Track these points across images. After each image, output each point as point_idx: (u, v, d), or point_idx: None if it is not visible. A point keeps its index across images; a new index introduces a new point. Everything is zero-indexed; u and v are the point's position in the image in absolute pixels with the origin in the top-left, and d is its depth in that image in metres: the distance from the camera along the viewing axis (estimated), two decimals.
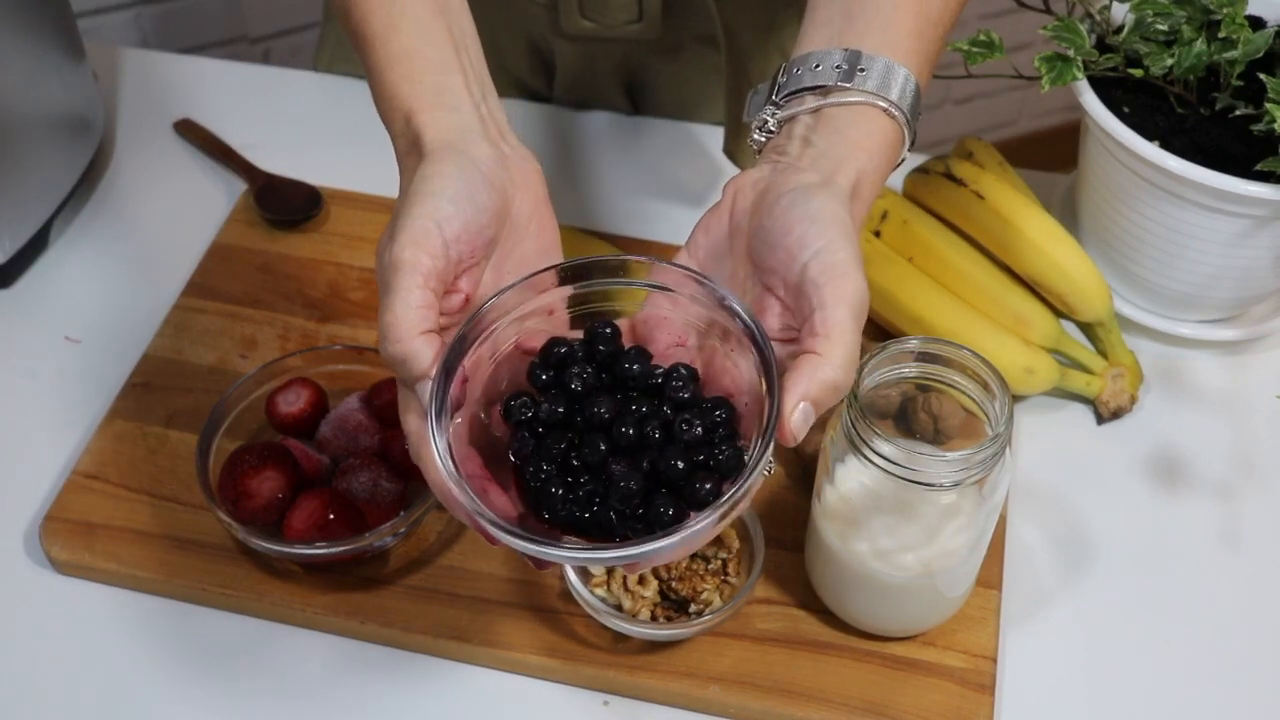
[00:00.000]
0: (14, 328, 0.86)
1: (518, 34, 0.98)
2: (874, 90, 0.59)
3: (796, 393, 0.52)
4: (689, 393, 0.55)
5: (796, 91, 0.61)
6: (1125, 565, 0.76)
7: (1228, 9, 0.75)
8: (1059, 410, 0.83)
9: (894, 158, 0.61)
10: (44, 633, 0.72)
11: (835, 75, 0.59)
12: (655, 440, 0.53)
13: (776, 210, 0.56)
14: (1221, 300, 0.84)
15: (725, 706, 0.68)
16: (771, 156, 0.60)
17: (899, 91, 0.60)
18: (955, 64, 0.79)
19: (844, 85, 0.59)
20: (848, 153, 0.58)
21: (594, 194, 0.95)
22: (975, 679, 0.69)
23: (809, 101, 0.60)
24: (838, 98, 0.59)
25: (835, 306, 0.53)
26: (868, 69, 0.59)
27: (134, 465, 0.77)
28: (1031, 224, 0.82)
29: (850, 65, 0.59)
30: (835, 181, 0.57)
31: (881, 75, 0.59)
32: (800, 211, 0.55)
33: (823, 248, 0.54)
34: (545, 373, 0.56)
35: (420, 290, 0.54)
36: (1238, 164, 0.76)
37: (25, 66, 0.86)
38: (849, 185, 0.57)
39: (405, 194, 0.56)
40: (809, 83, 0.60)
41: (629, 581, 0.70)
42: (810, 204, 0.55)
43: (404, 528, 0.71)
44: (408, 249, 0.54)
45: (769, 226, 0.56)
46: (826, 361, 0.52)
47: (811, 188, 0.56)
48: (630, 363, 0.56)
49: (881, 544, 0.66)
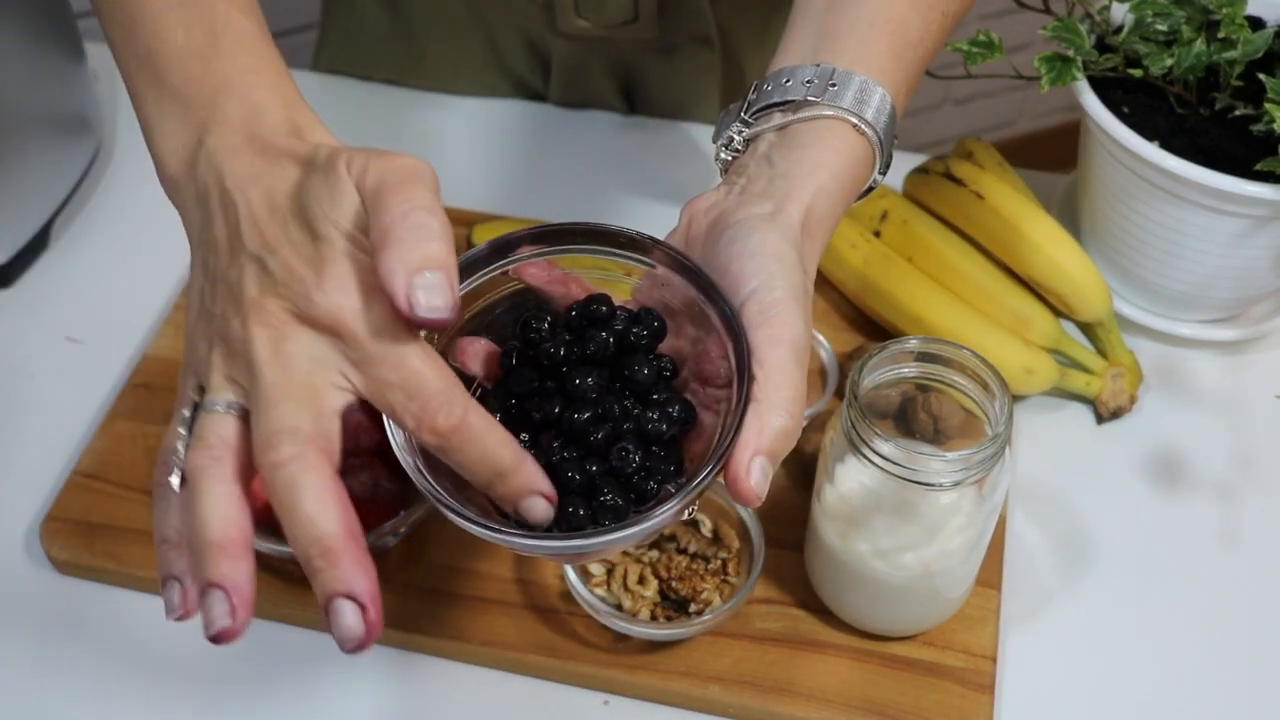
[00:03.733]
0: (14, 328, 0.86)
1: (515, 33, 0.98)
2: (846, 106, 0.57)
3: (749, 449, 0.49)
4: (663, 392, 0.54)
5: (766, 108, 0.59)
6: (1125, 565, 0.76)
7: (1227, 9, 0.75)
8: (1059, 410, 0.83)
9: (860, 179, 0.59)
10: (44, 633, 0.72)
11: (805, 90, 0.58)
12: (608, 439, 0.53)
13: (720, 244, 0.54)
14: (1221, 300, 0.84)
15: (725, 706, 0.68)
16: (731, 178, 0.59)
17: (874, 110, 0.58)
18: (955, 64, 0.79)
19: (813, 100, 0.57)
20: (806, 173, 0.56)
21: (589, 193, 0.95)
22: (975, 679, 0.69)
23: (776, 118, 0.58)
24: (806, 113, 0.58)
25: (772, 347, 0.51)
26: (840, 84, 0.58)
27: (134, 465, 0.77)
28: (1031, 224, 0.82)
29: (821, 80, 0.58)
30: (785, 211, 0.55)
31: (856, 92, 0.58)
32: (740, 247, 0.54)
33: (760, 285, 0.52)
34: (511, 359, 0.55)
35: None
36: (1237, 164, 0.76)
37: (25, 66, 0.86)
38: (800, 215, 0.55)
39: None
40: (778, 98, 0.58)
41: (629, 581, 0.70)
42: (751, 239, 0.54)
43: (404, 528, 0.71)
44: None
45: (711, 262, 0.54)
46: (771, 408, 0.50)
47: (757, 220, 0.54)
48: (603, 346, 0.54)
49: (881, 544, 0.66)
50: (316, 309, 0.48)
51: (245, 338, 0.49)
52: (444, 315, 0.47)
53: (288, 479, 0.47)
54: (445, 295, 0.46)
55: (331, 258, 0.48)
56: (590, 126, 1.00)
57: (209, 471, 0.48)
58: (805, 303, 0.53)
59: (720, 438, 0.51)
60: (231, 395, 0.50)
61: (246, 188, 0.51)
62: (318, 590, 0.47)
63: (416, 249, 0.46)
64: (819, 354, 0.82)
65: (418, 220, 0.47)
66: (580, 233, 0.55)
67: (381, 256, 0.46)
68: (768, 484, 0.50)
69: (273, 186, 0.50)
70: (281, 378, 0.48)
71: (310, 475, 0.47)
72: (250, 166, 0.51)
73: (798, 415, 0.51)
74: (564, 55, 0.98)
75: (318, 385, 0.48)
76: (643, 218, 0.94)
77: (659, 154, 0.98)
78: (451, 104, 1.01)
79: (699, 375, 0.55)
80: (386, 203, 0.47)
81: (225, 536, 0.47)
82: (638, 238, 0.55)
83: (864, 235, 0.85)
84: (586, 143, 0.99)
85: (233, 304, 0.49)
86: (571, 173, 0.96)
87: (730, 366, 0.52)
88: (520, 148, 0.99)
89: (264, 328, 0.48)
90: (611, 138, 0.99)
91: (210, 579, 0.47)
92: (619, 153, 0.98)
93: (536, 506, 0.50)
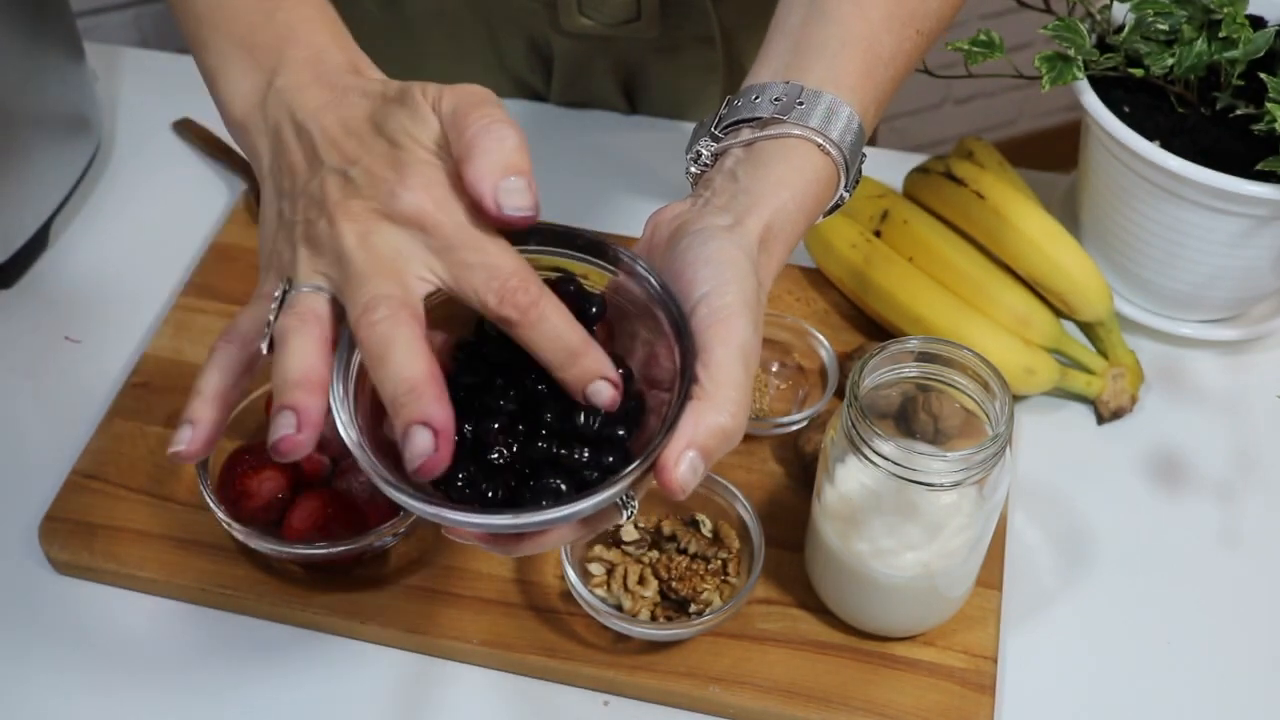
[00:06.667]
0: (14, 328, 0.86)
1: (517, 32, 0.98)
2: (813, 126, 0.58)
3: (682, 440, 0.50)
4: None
5: (735, 123, 0.60)
6: (1125, 565, 0.76)
7: (1228, 8, 0.75)
8: (1059, 410, 0.83)
9: (823, 198, 0.59)
10: (44, 633, 0.72)
11: (773, 108, 0.58)
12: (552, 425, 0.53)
13: (677, 251, 0.55)
14: (1222, 300, 0.84)
15: (725, 706, 0.68)
16: (699, 191, 0.59)
17: (840, 130, 0.58)
18: (956, 63, 0.79)
19: (779, 118, 0.58)
20: (768, 190, 0.57)
21: (590, 193, 0.95)
22: (975, 679, 0.69)
23: (744, 134, 0.59)
24: (772, 130, 0.58)
25: (718, 348, 0.51)
26: (808, 103, 0.58)
27: (134, 465, 0.77)
28: (1032, 224, 0.82)
29: (789, 98, 0.58)
30: (744, 224, 0.56)
31: (823, 111, 0.58)
32: (695, 254, 0.54)
33: (711, 290, 0.53)
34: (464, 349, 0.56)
35: None
36: (1238, 164, 0.76)
37: (25, 66, 0.86)
38: (759, 229, 0.56)
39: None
40: (746, 114, 0.59)
41: (629, 582, 0.70)
42: (707, 246, 0.54)
43: (404, 528, 0.71)
44: None
45: (668, 268, 0.55)
46: (712, 405, 0.50)
47: (715, 230, 0.55)
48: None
49: (881, 544, 0.66)
50: (401, 203, 0.51)
51: (333, 234, 0.52)
52: (528, 214, 0.51)
53: (383, 334, 0.49)
54: (528, 197, 0.51)
55: (412, 162, 0.52)
56: (592, 126, 1.00)
57: (299, 331, 0.51)
58: (757, 311, 0.54)
59: (660, 431, 0.51)
60: (321, 281, 0.52)
61: (320, 116, 0.54)
62: (399, 423, 0.49)
63: (500, 156, 0.51)
64: (819, 354, 0.81)
65: (500, 133, 0.51)
66: (537, 232, 0.55)
67: (469, 165, 0.51)
68: (696, 479, 0.50)
69: (346, 114, 0.54)
70: (371, 260, 0.51)
71: (403, 330, 0.50)
72: (320, 98, 0.55)
73: (739, 417, 0.51)
74: (566, 54, 0.98)
75: (403, 271, 0.51)
76: (643, 218, 0.93)
77: (660, 154, 0.98)
78: None
79: (648, 379, 0.56)
80: (467, 119, 0.51)
81: (305, 376, 0.51)
82: (595, 240, 0.56)
83: (864, 235, 0.85)
84: (588, 142, 0.99)
85: (316, 208, 0.52)
86: (572, 172, 0.96)
87: (675, 368, 0.53)
88: None
89: (351, 222, 0.51)
90: (613, 137, 0.99)
91: (283, 403, 0.50)
92: (620, 152, 0.98)
93: (603, 391, 0.51)
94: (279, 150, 0.55)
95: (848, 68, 0.60)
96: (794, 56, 0.61)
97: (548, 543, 0.53)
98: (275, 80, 0.56)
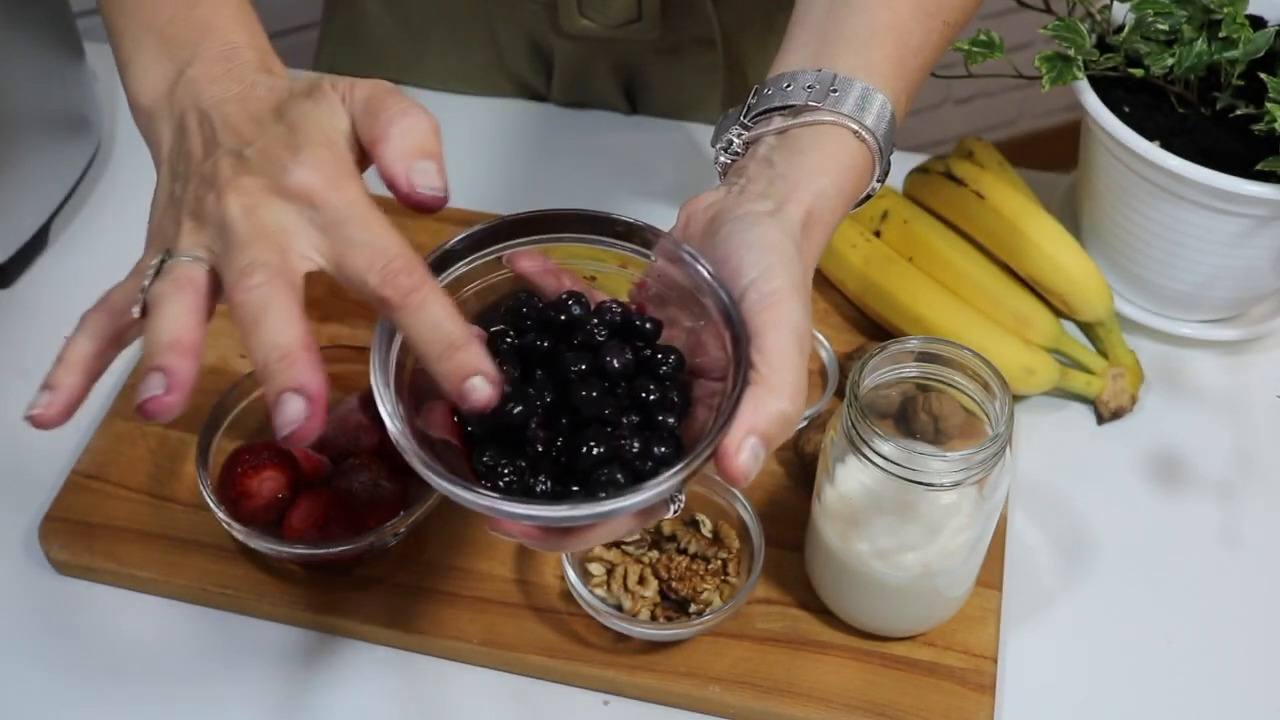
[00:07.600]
0: (14, 328, 0.86)
1: (517, 32, 0.98)
2: (847, 112, 0.57)
3: (743, 426, 0.49)
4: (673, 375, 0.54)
5: (765, 112, 0.59)
6: (1125, 565, 0.76)
7: (1228, 8, 0.75)
8: (1059, 410, 0.83)
9: (859, 185, 0.59)
10: (44, 633, 0.72)
11: (805, 95, 0.58)
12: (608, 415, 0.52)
13: (718, 238, 0.55)
14: (1222, 300, 0.84)
15: (725, 706, 0.68)
16: (730, 179, 0.59)
17: (874, 117, 0.58)
18: (956, 63, 0.79)
19: (814, 105, 0.58)
20: (806, 176, 0.56)
21: (591, 193, 0.95)
22: (975, 679, 0.69)
23: (776, 122, 0.58)
24: (806, 117, 0.58)
25: (772, 333, 0.51)
26: (841, 90, 0.58)
27: (134, 465, 0.77)
28: (1032, 224, 0.82)
29: (822, 85, 0.58)
30: (785, 210, 0.55)
31: (857, 98, 0.58)
32: (740, 239, 0.54)
33: (759, 275, 0.52)
34: (506, 339, 0.55)
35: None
36: (1238, 164, 0.76)
37: (25, 66, 0.86)
38: (800, 214, 0.55)
39: None
40: (778, 102, 0.58)
41: (629, 582, 0.70)
42: (751, 231, 0.54)
43: (404, 528, 0.71)
44: None
45: (709, 256, 0.54)
46: (770, 390, 0.50)
47: (757, 215, 0.55)
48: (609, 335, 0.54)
49: (882, 544, 0.66)
50: (291, 177, 0.51)
51: (219, 206, 0.51)
52: (439, 194, 0.52)
53: (257, 300, 0.49)
54: (439, 179, 0.52)
55: (308, 144, 0.51)
56: (592, 127, 1.00)
57: (173, 296, 0.51)
58: (805, 294, 0.53)
59: (716, 418, 0.50)
60: (201, 252, 0.52)
61: (225, 105, 0.54)
62: (270, 390, 0.48)
63: (415, 139, 0.52)
64: (819, 354, 0.81)
65: (415, 116, 0.52)
66: (574, 219, 0.55)
67: (383, 146, 0.52)
68: (758, 466, 0.50)
69: (251, 106, 0.54)
70: (253, 230, 0.50)
71: (278, 298, 0.49)
72: (229, 90, 0.55)
73: (798, 402, 0.50)
74: (566, 55, 0.98)
75: (286, 247, 0.50)
76: (644, 218, 0.93)
77: (661, 154, 0.98)
78: (453, 104, 1.01)
79: (695, 368, 0.55)
80: (379, 106, 0.52)
81: (176, 338, 0.50)
82: (634, 225, 0.55)
83: (864, 235, 0.85)
84: (588, 143, 0.99)
85: (206, 185, 0.52)
86: (573, 173, 0.96)
87: (728, 356, 0.52)
88: (522, 148, 0.99)
89: (239, 196, 0.51)
90: (613, 138, 0.99)
91: (153, 364, 0.49)
92: (621, 153, 0.98)
93: (479, 387, 0.49)
94: (180, 137, 0.55)
95: (878, 56, 0.60)
96: (822, 45, 0.60)
97: (599, 536, 0.52)
98: (187, 71, 0.56)
